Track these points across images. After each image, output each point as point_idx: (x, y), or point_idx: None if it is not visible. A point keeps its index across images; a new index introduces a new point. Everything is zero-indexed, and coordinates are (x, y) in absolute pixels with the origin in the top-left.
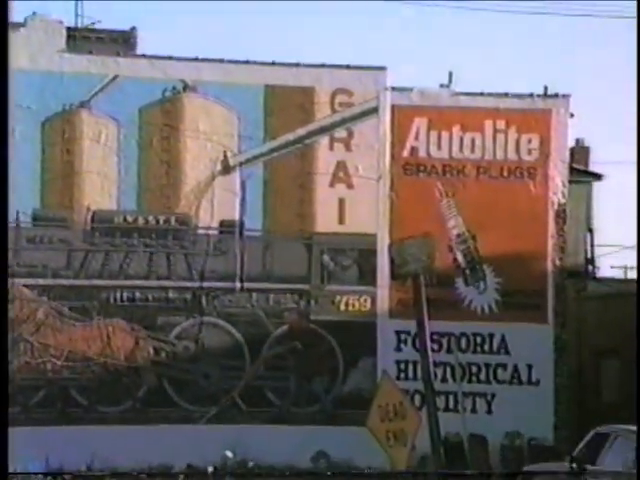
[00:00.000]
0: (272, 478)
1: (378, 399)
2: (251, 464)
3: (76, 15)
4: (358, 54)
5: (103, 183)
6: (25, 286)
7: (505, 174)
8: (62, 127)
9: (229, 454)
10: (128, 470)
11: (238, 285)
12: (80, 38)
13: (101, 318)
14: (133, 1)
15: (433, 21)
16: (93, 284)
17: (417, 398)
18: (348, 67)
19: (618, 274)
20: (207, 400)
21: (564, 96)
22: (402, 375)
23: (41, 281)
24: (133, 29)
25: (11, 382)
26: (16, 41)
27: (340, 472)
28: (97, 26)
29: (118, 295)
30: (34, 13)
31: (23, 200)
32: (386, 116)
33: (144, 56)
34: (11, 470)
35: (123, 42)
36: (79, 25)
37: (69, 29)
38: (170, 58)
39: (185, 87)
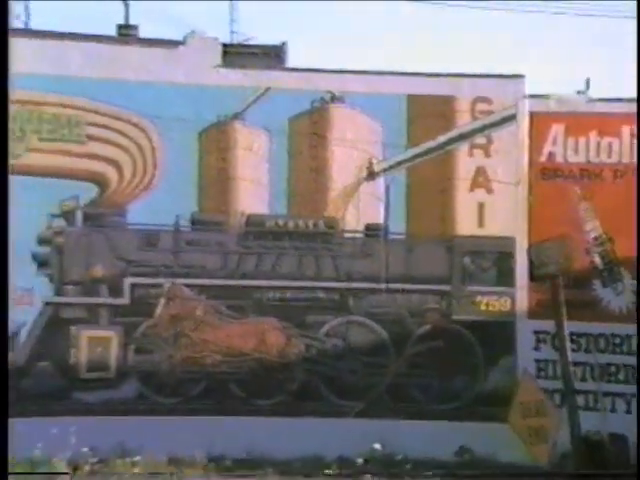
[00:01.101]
0: (419, 470)
1: (519, 397)
2: (398, 457)
3: (231, 32)
4: (495, 62)
5: (256, 189)
6: (185, 285)
7: None
8: (217, 137)
9: (377, 447)
10: (284, 461)
11: (383, 286)
12: (234, 54)
13: (255, 316)
14: (284, 17)
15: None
16: (247, 284)
17: (557, 396)
18: (487, 76)
19: None
20: (354, 395)
21: None
22: (541, 374)
23: (199, 281)
24: (284, 44)
25: (173, 375)
26: (175, 58)
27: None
28: (250, 42)
29: (270, 295)
30: (192, 32)
31: (182, 205)
32: (524, 123)
33: (294, 69)
34: (176, 456)
35: (275, 56)
36: (234, 42)
37: (224, 45)
38: (318, 71)
39: (332, 98)
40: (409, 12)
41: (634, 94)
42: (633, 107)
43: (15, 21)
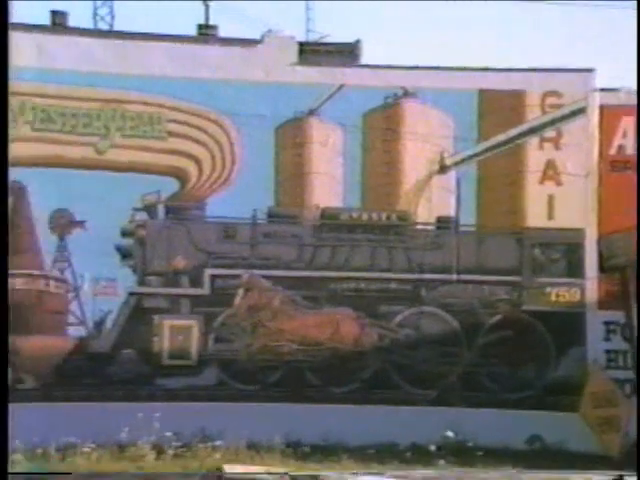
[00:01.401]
0: (491, 457)
1: (590, 387)
2: (470, 444)
3: (307, 31)
4: (564, 56)
5: (330, 183)
6: (262, 277)
7: None
8: (293, 133)
9: (450, 434)
10: (358, 447)
11: (454, 277)
12: (310, 52)
13: (330, 307)
14: (359, 16)
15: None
16: (322, 275)
17: (627, 386)
18: (558, 70)
19: None
20: (427, 383)
21: None
22: (612, 364)
23: (276, 272)
24: (358, 41)
25: (252, 362)
26: (253, 56)
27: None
28: (325, 40)
29: (344, 286)
30: (269, 31)
31: (259, 199)
32: (594, 116)
33: (367, 66)
34: (254, 441)
35: (349, 54)
36: (309, 40)
37: (300, 44)
38: (391, 67)
39: (405, 93)
40: (477, 8)
41: None
42: None
43: (100, 23)
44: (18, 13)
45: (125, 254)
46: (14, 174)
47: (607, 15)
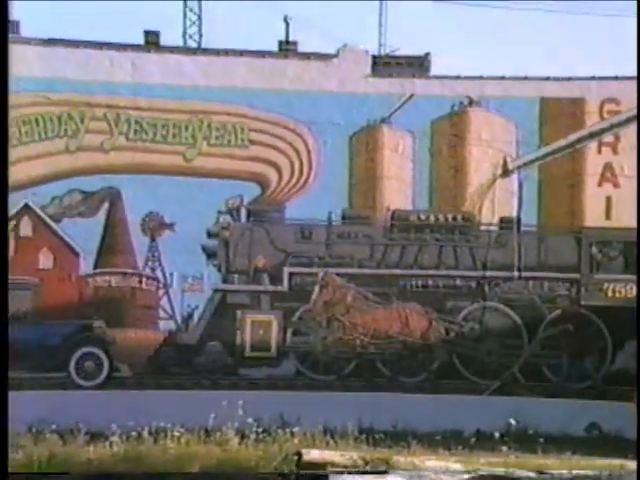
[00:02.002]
0: (552, 444)
1: None
2: (532, 432)
3: (379, 45)
4: (621, 64)
5: (400, 186)
6: (337, 274)
7: None
8: (366, 140)
9: (512, 422)
10: (426, 434)
11: (516, 274)
12: (382, 64)
13: (399, 302)
14: (428, 30)
15: None
16: (392, 273)
17: None
18: (616, 78)
19: None
20: (490, 374)
21: None
22: None
23: (349, 270)
24: (427, 54)
25: (327, 354)
26: (329, 69)
27: None
28: (397, 53)
29: (413, 282)
30: (344, 45)
31: (334, 202)
32: None
33: (435, 77)
34: (330, 427)
35: (418, 66)
36: (382, 53)
37: (373, 57)
38: (458, 77)
39: (470, 102)
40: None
41: None
42: None
43: (189, 41)
44: (114, 33)
45: (210, 254)
46: (110, 181)
47: None
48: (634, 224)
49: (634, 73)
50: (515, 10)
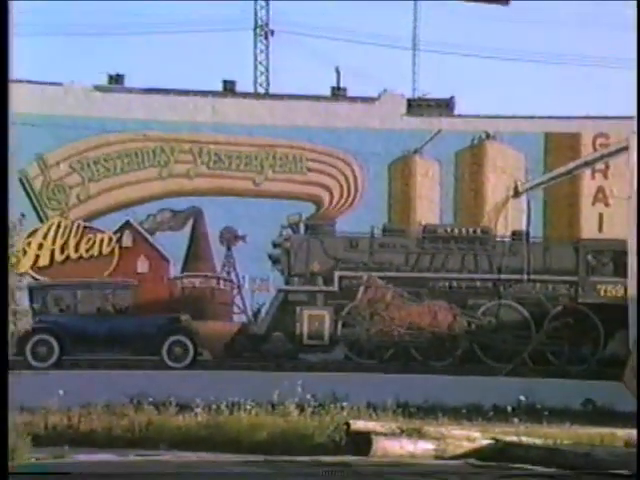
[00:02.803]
0: (554, 416)
1: (631, 361)
2: (538, 406)
3: (413, 89)
4: (611, 105)
5: (430, 205)
6: (378, 277)
7: None
8: (402, 167)
9: (522, 398)
10: (452, 408)
11: (526, 277)
12: (415, 105)
13: (429, 300)
14: (452, 80)
15: None
16: (423, 276)
17: None
18: (606, 117)
19: None
20: (505, 359)
21: None
22: None
23: (388, 274)
24: (452, 97)
25: (370, 343)
26: (372, 109)
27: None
28: (427, 96)
29: (440, 284)
30: (384, 90)
31: (376, 218)
32: (634, 152)
33: (459, 116)
34: (372, 402)
35: (445, 106)
36: (415, 96)
37: (408, 100)
38: (477, 116)
39: (487, 136)
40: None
41: None
42: None
43: (259, 88)
44: (196, 82)
45: (275, 260)
46: (194, 202)
47: None
48: (621, 236)
49: (620, 113)
50: (523, 62)
